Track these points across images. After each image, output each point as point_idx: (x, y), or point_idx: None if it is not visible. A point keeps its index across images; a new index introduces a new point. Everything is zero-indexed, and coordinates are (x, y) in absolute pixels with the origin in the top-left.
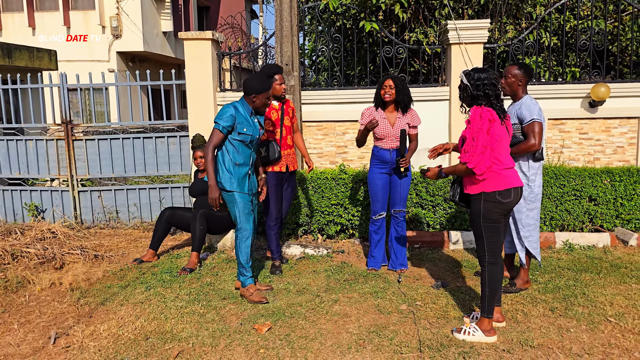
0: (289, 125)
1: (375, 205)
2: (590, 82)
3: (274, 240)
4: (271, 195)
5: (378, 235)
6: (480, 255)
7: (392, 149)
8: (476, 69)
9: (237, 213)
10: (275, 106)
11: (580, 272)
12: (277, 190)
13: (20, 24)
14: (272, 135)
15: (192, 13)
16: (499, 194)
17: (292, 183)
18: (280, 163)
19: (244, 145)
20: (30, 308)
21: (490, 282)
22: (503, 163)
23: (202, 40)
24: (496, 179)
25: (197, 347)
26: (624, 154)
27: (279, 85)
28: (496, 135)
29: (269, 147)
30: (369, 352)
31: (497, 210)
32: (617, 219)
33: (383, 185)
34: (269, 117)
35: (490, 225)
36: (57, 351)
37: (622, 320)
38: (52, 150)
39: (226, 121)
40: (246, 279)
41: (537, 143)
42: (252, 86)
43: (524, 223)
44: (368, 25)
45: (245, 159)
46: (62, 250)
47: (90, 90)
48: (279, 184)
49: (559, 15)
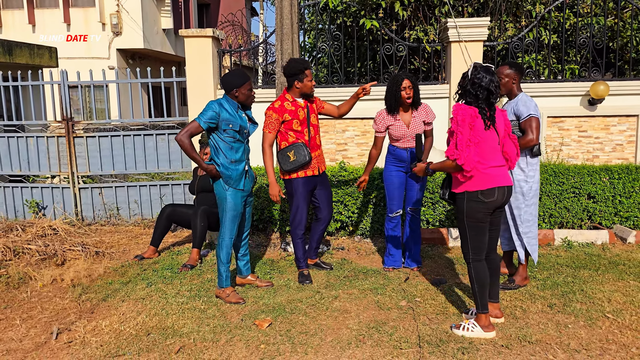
0: (316, 124)
1: (392, 203)
2: (590, 79)
3: (300, 249)
4: (301, 203)
5: (395, 233)
6: (465, 253)
7: (409, 149)
8: (486, 68)
9: (224, 212)
10: (300, 104)
11: (579, 269)
12: (307, 197)
13: (21, 21)
14: (300, 135)
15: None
16: (482, 193)
17: (326, 183)
18: (311, 166)
19: (236, 140)
20: (32, 304)
21: (478, 278)
22: (487, 162)
23: (203, 37)
24: (479, 178)
25: (199, 342)
26: (623, 151)
27: (310, 81)
28: (479, 132)
29: (296, 150)
30: (369, 347)
31: (481, 209)
32: (616, 217)
33: (400, 183)
34: (295, 117)
35: (473, 224)
36: (60, 346)
37: (620, 317)
38: (52, 147)
39: (207, 118)
40: (222, 279)
41: (535, 138)
42: (230, 82)
43: (523, 219)
44: (368, 22)
45: (240, 154)
46: (64, 247)
47: (91, 87)
48: (310, 190)
49: (558, 13)
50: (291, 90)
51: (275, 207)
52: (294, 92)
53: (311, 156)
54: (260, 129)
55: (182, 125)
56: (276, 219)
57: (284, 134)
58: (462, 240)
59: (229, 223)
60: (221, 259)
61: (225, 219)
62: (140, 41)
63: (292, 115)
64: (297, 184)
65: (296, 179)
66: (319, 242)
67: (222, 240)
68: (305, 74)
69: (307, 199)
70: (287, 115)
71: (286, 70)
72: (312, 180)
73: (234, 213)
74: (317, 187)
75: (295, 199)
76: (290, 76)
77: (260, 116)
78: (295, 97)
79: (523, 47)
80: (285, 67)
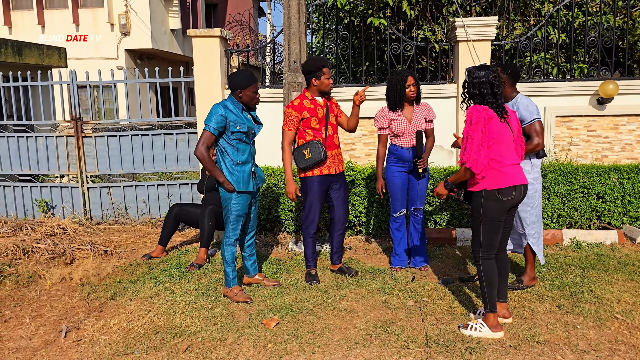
0: (334, 123)
1: (395, 203)
2: (599, 79)
3: (310, 247)
4: (314, 202)
5: (400, 233)
6: (475, 250)
7: (410, 147)
8: (478, 66)
9: (229, 213)
10: (319, 102)
11: (588, 269)
12: (321, 196)
13: (30, 21)
14: (318, 133)
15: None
16: (500, 191)
17: (343, 183)
18: (327, 164)
19: (241, 142)
20: (42, 302)
21: (486, 276)
22: (504, 160)
23: (211, 37)
24: (497, 177)
25: (206, 341)
26: (632, 151)
27: (327, 79)
28: (493, 133)
29: (312, 148)
30: (376, 347)
31: (498, 208)
32: (625, 217)
33: (402, 183)
34: (314, 115)
35: (489, 222)
36: (68, 344)
37: (629, 317)
38: (61, 146)
39: (216, 123)
40: (229, 279)
41: (542, 142)
42: (237, 82)
43: (529, 221)
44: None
45: (246, 155)
46: (72, 246)
47: (100, 87)
48: (325, 189)
49: (567, 12)
50: (309, 88)
51: (282, 207)
52: (312, 90)
53: (327, 154)
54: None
55: (190, 125)
56: (283, 218)
57: (302, 131)
58: (474, 238)
59: (233, 223)
60: (226, 259)
61: (230, 219)
62: (149, 41)
63: (310, 113)
64: (312, 182)
65: (311, 177)
66: (340, 246)
67: (227, 240)
68: (322, 72)
69: (321, 198)
70: (306, 112)
71: (304, 67)
72: (328, 180)
73: (238, 213)
74: (333, 187)
75: (310, 197)
76: (307, 74)
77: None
78: (314, 95)
79: (531, 47)
80: (303, 65)
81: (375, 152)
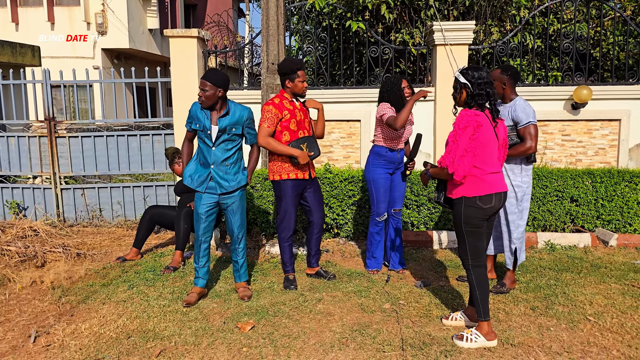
0: (309, 128)
1: (380, 206)
2: (573, 84)
3: (287, 253)
4: (289, 206)
5: (380, 237)
6: (464, 259)
7: (400, 150)
8: (471, 67)
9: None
10: (297, 105)
11: (561, 271)
12: (295, 201)
13: (3, 19)
14: (295, 136)
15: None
16: (480, 199)
17: (317, 187)
18: (302, 169)
19: (202, 142)
20: (10, 306)
21: (479, 284)
22: (486, 168)
23: (188, 37)
24: (477, 184)
25: (180, 345)
26: (605, 155)
27: (302, 82)
28: (481, 140)
29: (309, 143)
30: (352, 350)
31: (478, 215)
32: (598, 220)
33: (388, 186)
34: (293, 117)
35: (471, 229)
36: (37, 350)
37: (601, 319)
38: (34, 147)
39: (188, 119)
40: (195, 279)
41: (534, 146)
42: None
43: (517, 224)
44: (354, 24)
45: (206, 158)
46: (44, 249)
47: (74, 87)
48: (299, 193)
49: (543, 19)
50: (284, 89)
51: (259, 209)
52: (287, 91)
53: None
54: None
55: (167, 126)
56: (260, 220)
57: (279, 133)
58: (460, 246)
59: (195, 223)
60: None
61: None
62: (126, 41)
63: (290, 114)
64: (285, 186)
65: (285, 180)
66: (317, 248)
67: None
68: (297, 75)
69: (296, 203)
70: (287, 113)
71: (280, 68)
72: (302, 184)
73: (196, 216)
74: (307, 191)
75: (284, 202)
76: (282, 75)
77: None
78: (290, 97)
79: (508, 51)
80: (279, 65)
81: (353, 153)
